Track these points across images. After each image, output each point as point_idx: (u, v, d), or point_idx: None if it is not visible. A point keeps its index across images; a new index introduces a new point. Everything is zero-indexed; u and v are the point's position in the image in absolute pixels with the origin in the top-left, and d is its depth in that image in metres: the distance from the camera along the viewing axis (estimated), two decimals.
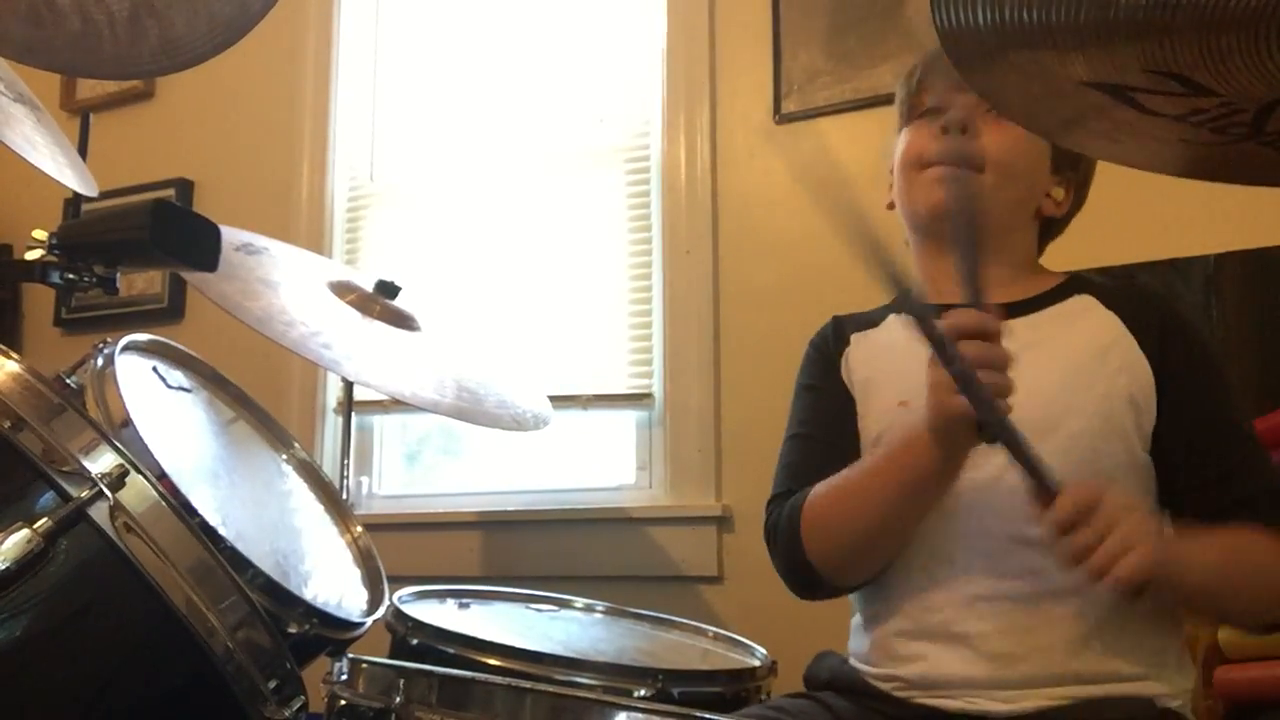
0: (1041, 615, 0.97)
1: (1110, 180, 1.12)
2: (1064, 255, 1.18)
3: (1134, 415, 1.00)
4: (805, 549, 1.04)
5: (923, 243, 1.15)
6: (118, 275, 1.00)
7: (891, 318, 1.15)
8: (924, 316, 0.88)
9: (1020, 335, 1.04)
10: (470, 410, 1.58)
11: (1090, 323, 1.05)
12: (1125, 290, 1.08)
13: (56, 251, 0.98)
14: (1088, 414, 1.00)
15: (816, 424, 1.15)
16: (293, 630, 1.12)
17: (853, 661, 1.09)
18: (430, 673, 0.89)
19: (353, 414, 1.95)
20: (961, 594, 0.99)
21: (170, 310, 2.72)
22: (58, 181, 1.38)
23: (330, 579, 1.33)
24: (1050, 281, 1.11)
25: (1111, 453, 1.00)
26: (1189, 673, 1.02)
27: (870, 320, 1.18)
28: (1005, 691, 0.96)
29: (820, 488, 1.05)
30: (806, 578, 1.06)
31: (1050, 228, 1.16)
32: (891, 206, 1.17)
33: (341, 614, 1.21)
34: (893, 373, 1.10)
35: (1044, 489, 0.85)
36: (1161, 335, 1.03)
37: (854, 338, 1.16)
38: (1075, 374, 1.02)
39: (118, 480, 0.86)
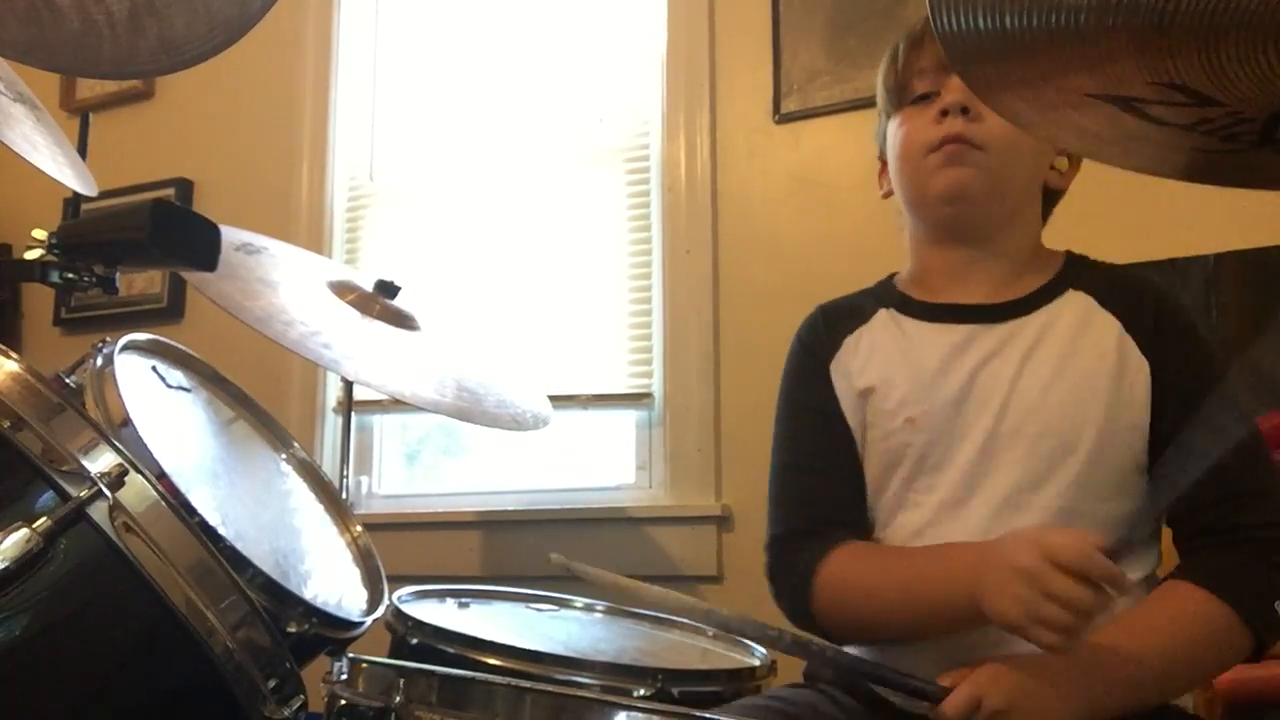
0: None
1: (1110, 180, 1.11)
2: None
3: (1135, 418, 0.99)
4: (814, 612, 1.02)
5: (929, 231, 1.11)
6: (117, 275, 1.00)
7: (882, 313, 1.11)
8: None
9: (1025, 336, 1.03)
10: (470, 410, 1.58)
11: (1093, 328, 1.02)
12: (1121, 281, 1.05)
13: (56, 251, 0.98)
14: (1100, 427, 0.98)
15: (807, 452, 1.11)
16: (292, 630, 1.12)
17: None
18: (430, 672, 0.89)
19: (353, 414, 1.95)
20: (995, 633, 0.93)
21: (170, 310, 2.72)
22: (58, 181, 1.38)
23: (330, 579, 1.33)
24: (1049, 269, 1.08)
25: (1120, 466, 0.99)
26: None
27: (859, 313, 1.13)
28: None
29: (844, 563, 1.01)
30: (809, 629, 1.04)
31: (1051, 198, 1.13)
32: (888, 195, 1.15)
33: (341, 613, 1.21)
34: (895, 384, 1.06)
35: (928, 697, 0.86)
36: (1156, 330, 1.01)
37: (846, 341, 1.11)
38: (1084, 386, 1.00)
39: (117, 480, 0.85)
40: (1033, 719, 0.84)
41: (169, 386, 1.35)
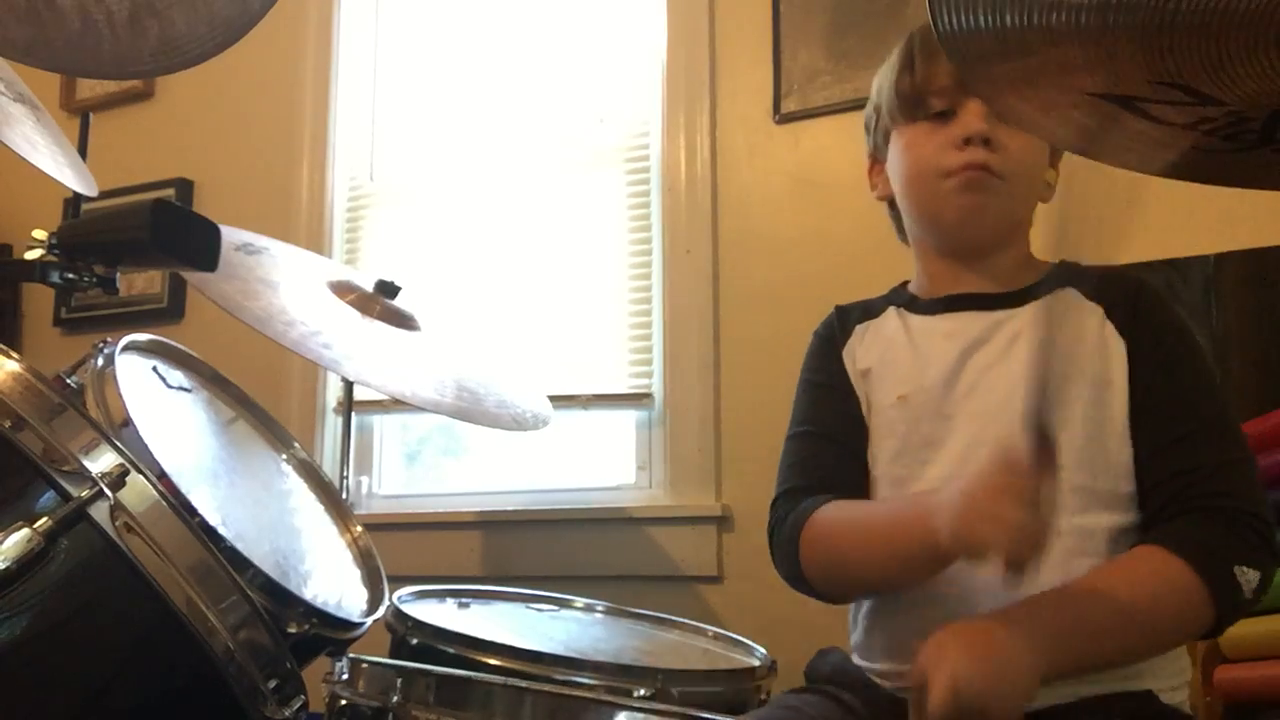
0: None
1: (1110, 180, 1.12)
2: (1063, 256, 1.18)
3: (1116, 396, 1.02)
4: (801, 565, 1.05)
5: (935, 243, 1.14)
6: (118, 275, 1.00)
7: (891, 309, 1.16)
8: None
9: (1013, 324, 1.07)
10: (470, 410, 1.58)
11: (1077, 315, 1.05)
12: (1106, 275, 1.08)
13: (56, 251, 0.98)
14: (1086, 403, 1.01)
15: (819, 420, 1.14)
16: (293, 630, 1.12)
17: (856, 658, 1.09)
18: (430, 672, 0.89)
19: (353, 414, 1.95)
20: (969, 593, 0.98)
21: (170, 310, 2.72)
22: (58, 181, 1.38)
23: (330, 579, 1.33)
24: (1042, 270, 1.12)
25: (1109, 442, 1.01)
26: (1184, 664, 1.01)
27: (871, 310, 1.18)
28: None
29: (828, 514, 1.04)
30: (801, 587, 1.07)
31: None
32: (882, 198, 1.17)
33: (341, 614, 1.21)
34: (892, 365, 1.11)
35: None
36: (1135, 313, 1.04)
37: (857, 329, 1.17)
38: (1068, 364, 1.00)
39: (118, 480, 0.86)
40: (1005, 687, 0.83)
41: (169, 387, 1.35)
